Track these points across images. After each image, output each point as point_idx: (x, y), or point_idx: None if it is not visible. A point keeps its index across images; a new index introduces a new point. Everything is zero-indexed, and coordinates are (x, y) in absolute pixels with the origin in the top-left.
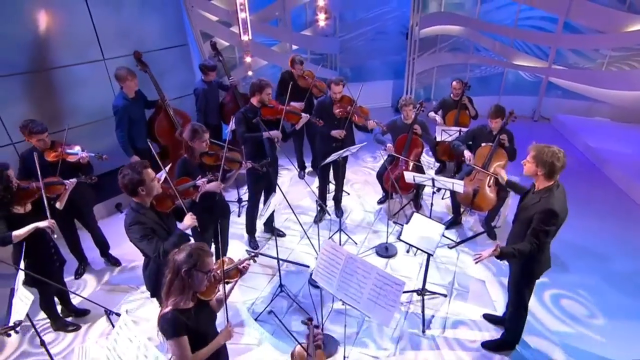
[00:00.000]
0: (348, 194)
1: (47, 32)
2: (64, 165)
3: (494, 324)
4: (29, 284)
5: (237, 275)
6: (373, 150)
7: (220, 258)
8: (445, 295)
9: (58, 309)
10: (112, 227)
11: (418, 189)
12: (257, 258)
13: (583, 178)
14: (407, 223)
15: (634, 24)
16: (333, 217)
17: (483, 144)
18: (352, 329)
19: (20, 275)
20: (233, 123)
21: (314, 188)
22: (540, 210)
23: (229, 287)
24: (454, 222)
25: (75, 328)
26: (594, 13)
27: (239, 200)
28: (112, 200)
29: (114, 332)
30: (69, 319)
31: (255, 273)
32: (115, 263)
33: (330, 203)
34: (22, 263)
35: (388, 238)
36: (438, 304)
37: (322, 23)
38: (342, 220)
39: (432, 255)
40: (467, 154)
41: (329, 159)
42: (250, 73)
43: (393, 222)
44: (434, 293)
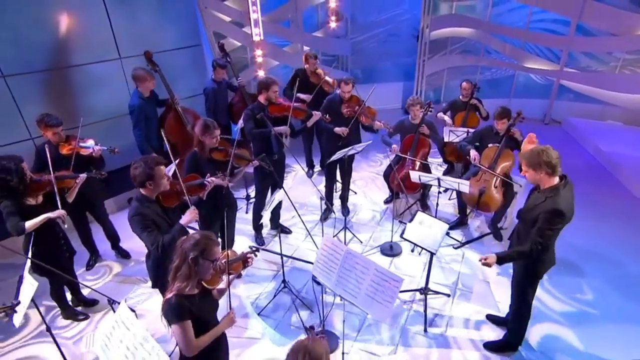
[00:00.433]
0: (355, 193)
1: (66, 32)
2: (78, 159)
3: (497, 325)
4: (40, 274)
5: (240, 267)
6: (381, 150)
7: (225, 250)
8: (449, 295)
9: (68, 299)
10: (123, 221)
11: (424, 189)
12: (259, 252)
13: (593, 181)
14: (410, 221)
15: None
16: (339, 215)
17: (490, 145)
18: (353, 326)
19: (28, 263)
20: (242, 121)
21: (321, 187)
22: (546, 210)
23: (231, 278)
24: (460, 222)
25: (85, 317)
26: (608, 15)
27: (247, 198)
28: (124, 195)
29: (113, 320)
30: (79, 309)
31: (260, 269)
32: (125, 256)
33: (337, 202)
34: (29, 252)
35: (393, 237)
36: (441, 304)
37: (333, 25)
38: (347, 219)
39: (434, 254)
40: (472, 154)
41: (334, 157)
42: (262, 73)
43: (399, 221)
44: (437, 292)
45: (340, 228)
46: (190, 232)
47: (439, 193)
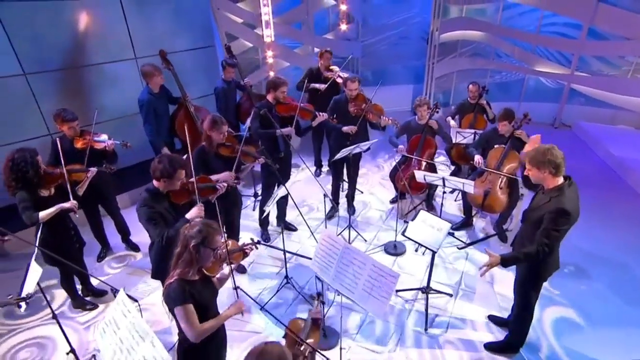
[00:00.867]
0: (361, 193)
1: (85, 33)
2: (91, 153)
3: (499, 326)
4: (50, 263)
5: (240, 258)
6: (389, 151)
7: (224, 240)
8: (451, 295)
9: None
10: (134, 215)
11: (430, 190)
12: (259, 245)
13: (603, 185)
14: (412, 220)
15: None
16: (344, 214)
17: (496, 146)
18: (354, 323)
19: (36, 252)
20: (249, 119)
21: (328, 186)
22: (552, 210)
23: (233, 266)
24: (465, 223)
25: (93, 307)
26: (620, 19)
27: (255, 195)
28: (136, 191)
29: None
30: (88, 299)
31: (265, 265)
32: (135, 249)
33: (344, 201)
34: (37, 241)
35: (397, 236)
36: (443, 304)
37: (344, 27)
38: (353, 218)
39: (436, 253)
40: (476, 158)
41: (339, 155)
42: (273, 74)
43: (404, 221)
44: (439, 292)
45: (345, 226)
46: None
47: (444, 193)
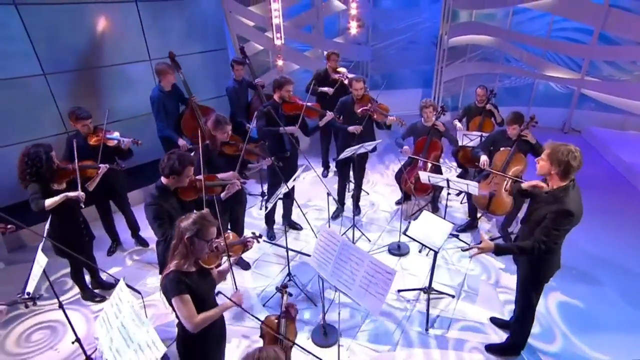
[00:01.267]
0: (368, 194)
1: (101, 35)
2: (105, 150)
3: (501, 328)
4: (61, 255)
5: (240, 251)
6: (397, 153)
7: (222, 233)
8: (453, 296)
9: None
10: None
11: (435, 192)
12: (260, 239)
13: (612, 190)
14: (415, 219)
15: None
16: (350, 214)
17: (502, 149)
18: (355, 322)
19: (43, 243)
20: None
21: (334, 186)
22: (555, 210)
23: (233, 259)
24: (470, 225)
25: (102, 300)
26: (632, 24)
27: (262, 194)
28: (147, 188)
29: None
30: (97, 291)
31: (269, 262)
32: (144, 244)
33: (350, 201)
34: (45, 231)
35: (401, 237)
36: (445, 304)
37: (353, 31)
38: (358, 218)
39: (437, 252)
40: (482, 159)
41: (343, 155)
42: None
43: (408, 222)
44: (441, 292)
45: (349, 226)
46: None
47: (448, 194)
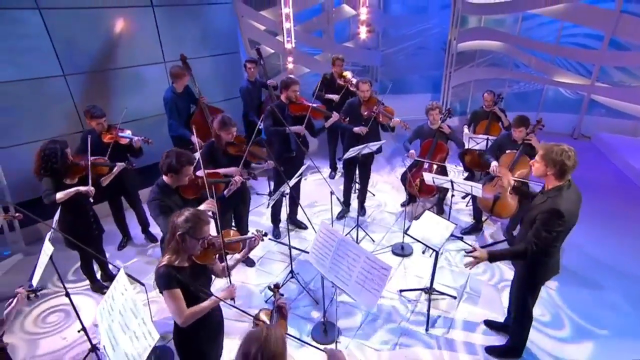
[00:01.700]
0: (374, 195)
1: (119, 38)
2: (117, 147)
3: (497, 331)
4: (71, 248)
5: (238, 248)
6: (404, 155)
7: (221, 231)
8: (455, 297)
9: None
10: None
11: (440, 194)
12: (264, 237)
13: (622, 196)
14: (416, 219)
15: None
16: (354, 215)
17: (507, 151)
18: (356, 320)
19: (50, 234)
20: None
21: (340, 187)
22: (545, 210)
23: (235, 257)
24: (475, 228)
25: None
26: None
27: (270, 194)
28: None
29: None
30: (107, 283)
31: (273, 260)
32: (153, 240)
33: (355, 202)
34: (54, 223)
35: (405, 238)
36: (447, 306)
37: (363, 35)
38: (363, 219)
39: (438, 252)
40: (492, 165)
41: (347, 155)
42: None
43: (411, 222)
44: (442, 293)
45: (353, 226)
46: None
47: (452, 196)
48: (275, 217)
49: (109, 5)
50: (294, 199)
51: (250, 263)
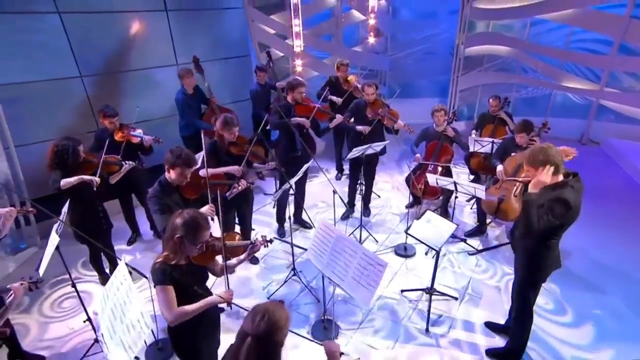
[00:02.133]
0: (379, 197)
1: (134, 41)
2: (128, 146)
3: (497, 333)
4: (81, 242)
5: (239, 253)
6: (410, 157)
7: (222, 233)
8: (456, 298)
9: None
10: None
11: (444, 196)
12: (269, 243)
13: (630, 202)
14: (418, 219)
15: None
16: (359, 215)
17: (512, 154)
18: (356, 318)
19: (56, 225)
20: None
21: (344, 189)
22: (551, 198)
23: (235, 260)
24: (479, 230)
25: None
26: None
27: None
28: None
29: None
30: None
31: (277, 258)
32: (160, 236)
33: (360, 203)
34: (62, 215)
35: (408, 239)
36: (448, 306)
37: (371, 40)
38: (368, 220)
39: (439, 252)
40: (498, 169)
41: (351, 154)
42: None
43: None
44: (444, 294)
45: (357, 226)
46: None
47: (456, 198)
48: (281, 216)
49: (125, 10)
50: (299, 199)
51: (254, 261)
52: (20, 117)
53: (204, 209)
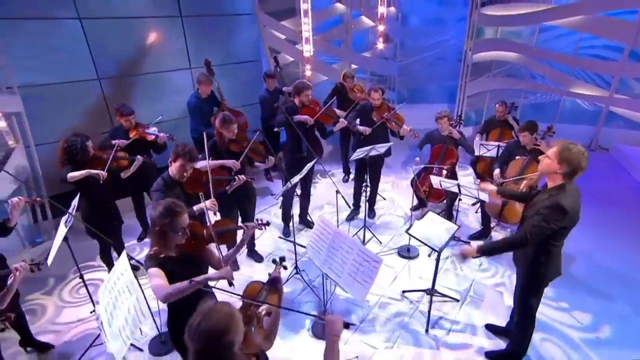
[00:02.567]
0: (384, 199)
1: (150, 45)
2: (142, 143)
3: (498, 335)
4: (92, 236)
5: (232, 238)
6: (414, 161)
7: (209, 221)
8: (457, 300)
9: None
10: None
11: (448, 199)
12: (266, 227)
13: (638, 208)
14: (419, 219)
15: None
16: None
17: (517, 157)
18: (356, 317)
19: (65, 218)
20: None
21: (349, 192)
22: (547, 205)
23: (232, 252)
24: (483, 234)
25: None
26: None
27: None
28: None
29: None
30: None
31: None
32: None
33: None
34: (71, 208)
35: (411, 240)
36: (449, 308)
37: (380, 46)
38: (372, 221)
39: (440, 253)
40: (495, 172)
41: (355, 155)
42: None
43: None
44: (445, 295)
45: (360, 227)
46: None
47: (459, 201)
48: (286, 215)
49: (142, 15)
50: (304, 199)
51: (259, 259)
52: (40, 116)
53: (207, 204)
